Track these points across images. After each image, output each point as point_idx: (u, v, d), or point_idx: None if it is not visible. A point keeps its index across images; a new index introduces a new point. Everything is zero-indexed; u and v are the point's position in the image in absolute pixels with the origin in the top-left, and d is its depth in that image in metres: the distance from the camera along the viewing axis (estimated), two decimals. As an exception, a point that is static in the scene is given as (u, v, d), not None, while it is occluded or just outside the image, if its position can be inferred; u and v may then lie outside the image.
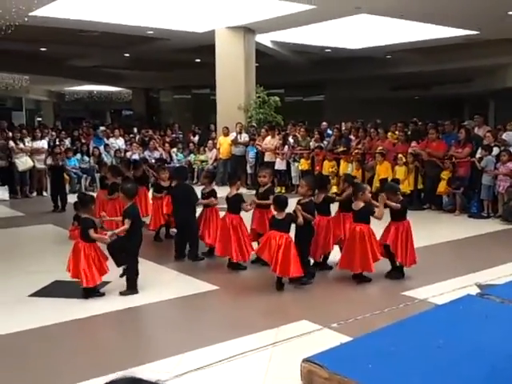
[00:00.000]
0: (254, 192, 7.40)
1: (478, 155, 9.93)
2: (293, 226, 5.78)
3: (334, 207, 6.56)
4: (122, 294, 5.46)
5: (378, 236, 6.02)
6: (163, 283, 5.94)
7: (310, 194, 6.03)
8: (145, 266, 6.10)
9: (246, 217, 6.70)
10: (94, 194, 8.08)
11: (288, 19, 13.48)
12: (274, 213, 5.97)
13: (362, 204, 5.95)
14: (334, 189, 11.67)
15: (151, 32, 15.64)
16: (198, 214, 6.99)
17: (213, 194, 6.99)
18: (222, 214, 6.85)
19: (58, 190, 10.79)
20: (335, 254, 6.39)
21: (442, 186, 10.31)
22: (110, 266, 5.52)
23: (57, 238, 8.39)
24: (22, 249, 8.03)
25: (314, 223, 5.97)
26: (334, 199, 6.51)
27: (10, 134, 12.88)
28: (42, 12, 12.15)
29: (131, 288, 5.52)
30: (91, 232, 5.39)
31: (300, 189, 6.13)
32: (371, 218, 5.94)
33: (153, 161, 11.73)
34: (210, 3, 12.19)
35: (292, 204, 5.92)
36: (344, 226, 6.31)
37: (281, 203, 5.84)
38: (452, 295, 5.12)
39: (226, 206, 6.71)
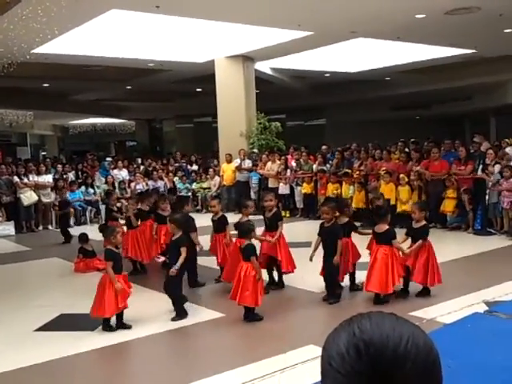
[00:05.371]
0: (259, 217, 7.37)
1: (479, 172, 9.93)
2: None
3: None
4: (173, 319, 5.57)
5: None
6: (169, 312, 5.90)
7: (333, 217, 6.10)
8: (150, 295, 6.08)
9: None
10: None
11: (286, 46, 13.66)
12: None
13: (386, 227, 5.94)
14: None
15: (152, 64, 15.87)
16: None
17: (223, 220, 6.95)
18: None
19: (63, 224, 10.86)
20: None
21: (448, 205, 10.27)
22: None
23: (62, 271, 8.38)
24: (27, 283, 8.03)
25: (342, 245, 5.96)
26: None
27: (15, 168, 12.97)
28: (43, 49, 12.35)
29: (180, 313, 5.63)
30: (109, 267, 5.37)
31: (325, 215, 6.06)
32: None
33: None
34: (208, 34, 12.37)
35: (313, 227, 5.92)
36: None
37: (243, 231, 5.87)
38: (460, 314, 5.07)
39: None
